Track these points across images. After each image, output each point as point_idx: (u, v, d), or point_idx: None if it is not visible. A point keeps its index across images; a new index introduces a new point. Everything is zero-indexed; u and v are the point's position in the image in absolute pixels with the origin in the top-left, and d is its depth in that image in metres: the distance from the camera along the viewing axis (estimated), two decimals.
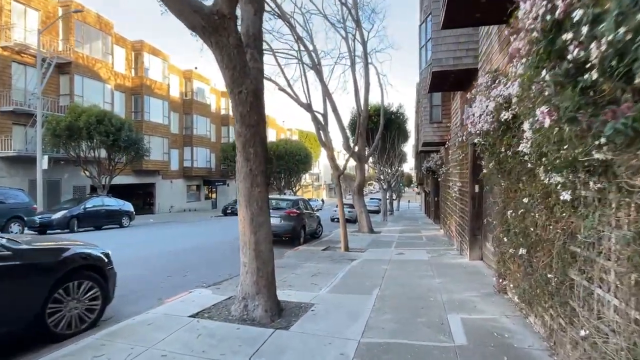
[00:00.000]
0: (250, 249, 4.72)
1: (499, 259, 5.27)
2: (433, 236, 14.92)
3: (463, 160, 9.69)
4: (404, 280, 6.85)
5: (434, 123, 13.76)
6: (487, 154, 5.01)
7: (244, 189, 4.75)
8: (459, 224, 10.43)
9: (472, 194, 8.52)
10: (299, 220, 11.69)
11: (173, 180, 32.14)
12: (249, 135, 4.70)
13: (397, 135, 25.80)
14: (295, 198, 12.59)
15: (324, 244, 12.10)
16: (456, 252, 10.10)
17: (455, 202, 11.39)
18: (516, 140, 3.71)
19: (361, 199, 16.31)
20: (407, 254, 10.21)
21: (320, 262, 8.93)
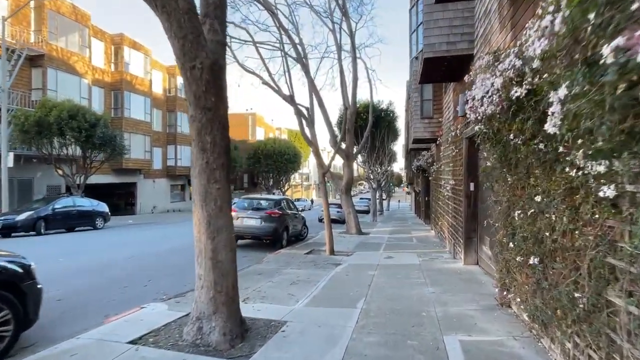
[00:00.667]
0: (207, 258, 3.89)
1: (502, 267, 4.53)
2: (424, 237, 14.23)
3: (456, 156, 8.99)
4: (393, 289, 6.09)
5: (424, 119, 13.06)
6: (489, 144, 4.26)
7: (199, 186, 3.92)
8: (451, 225, 9.73)
9: (467, 193, 7.81)
10: (281, 221, 10.86)
11: (156, 180, 30.99)
12: (205, 120, 3.87)
13: (387, 134, 25.14)
14: (278, 198, 11.77)
15: (308, 247, 11.30)
16: (449, 256, 9.39)
17: (447, 202, 10.70)
18: (531, 123, 2.96)
19: (349, 199, 15.55)
20: (396, 257, 9.47)
21: (302, 268, 8.12)
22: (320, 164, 10.30)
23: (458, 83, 9.21)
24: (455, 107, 9.30)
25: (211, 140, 3.92)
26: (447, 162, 10.56)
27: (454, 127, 9.25)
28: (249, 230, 10.57)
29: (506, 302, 4.61)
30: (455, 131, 8.96)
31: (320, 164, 10.30)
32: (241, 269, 7.90)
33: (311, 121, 12.74)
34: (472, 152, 7.75)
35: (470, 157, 7.77)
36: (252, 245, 11.52)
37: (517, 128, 3.28)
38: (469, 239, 7.83)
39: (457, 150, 8.92)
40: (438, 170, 13.14)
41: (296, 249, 10.93)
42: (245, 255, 9.89)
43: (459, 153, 8.58)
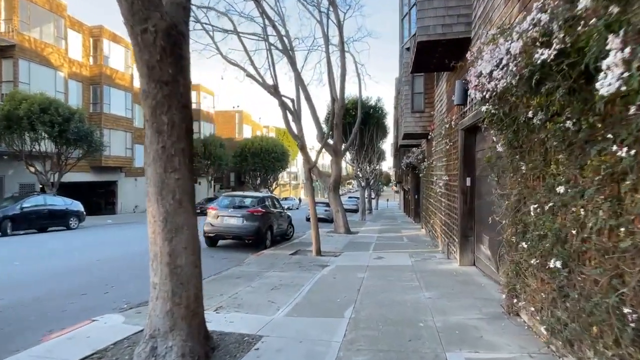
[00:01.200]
0: (162, 263, 3.22)
1: (510, 269, 3.96)
2: (415, 236, 13.71)
3: (450, 150, 8.45)
4: (384, 294, 5.49)
5: (415, 112, 12.53)
6: (497, 127, 3.68)
7: (154, 176, 3.24)
8: (445, 224, 9.20)
9: (463, 188, 7.27)
10: (264, 220, 10.18)
11: (138, 178, 29.87)
12: (160, 96, 3.20)
13: (376, 131, 24.62)
14: (262, 195, 11.08)
15: (294, 247, 10.64)
16: (443, 256, 8.85)
17: (440, 199, 10.17)
18: (561, 94, 2.36)
19: (337, 197, 14.95)
20: (387, 258, 8.89)
21: (286, 270, 7.47)
22: (307, 159, 9.67)
23: (452, 72, 8.67)
24: (450, 97, 8.77)
25: (168, 121, 3.24)
26: (440, 157, 10.03)
27: (447, 119, 8.72)
28: (229, 230, 9.86)
29: (514, 310, 4.05)
30: (449, 123, 8.42)
31: (307, 159, 9.66)
32: (218, 273, 7.23)
33: (297, 115, 12.09)
34: (468, 144, 7.21)
35: (466, 150, 7.23)
36: (234, 246, 10.82)
37: (538, 103, 2.69)
38: (464, 238, 7.29)
39: (451, 143, 8.38)
40: (429, 166, 12.63)
41: (281, 249, 10.27)
42: (226, 257, 9.19)
43: (454, 146, 8.04)
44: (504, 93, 3.09)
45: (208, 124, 39.16)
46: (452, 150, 8.23)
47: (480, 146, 6.86)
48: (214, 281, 6.53)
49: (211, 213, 10.11)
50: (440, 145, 9.97)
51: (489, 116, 3.72)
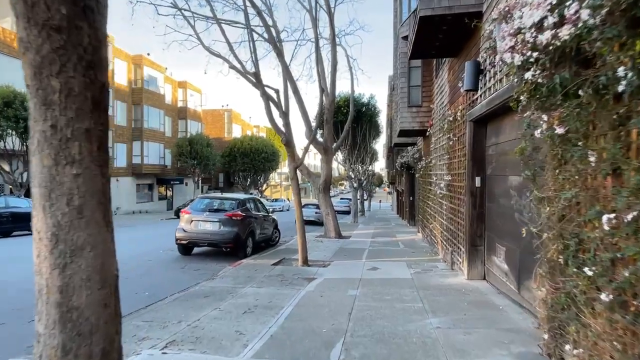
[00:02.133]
0: (50, 303, 2.10)
1: (556, 300, 2.92)
2: (411, 241, 12.70)
3: (455, 146, 7.44)
4: (382, 320, 4.43)
5: (412, 107, 11.53)
6: (544, 104, 2.64)
7: (39, 170, 2.12)
8: (447, 230, 8.18)
9: (472, 190, 6.24)
10: (244, 225, 9.06)
11: (119, 179, 28.48)
12: (48, 49, 2.08)
13: (369, 129, 23.62)
14: (243, 197, 9.95)
15: (278, 255, 9.54)
16: (445, 266, 7.83)
17: (440, 201, 9.16)
18: None
19: (327, 198, 13.88)
20: (382, 268, 7.84)
21: (265, 285, 6.38)
22: (292, 157, 8.59)
23: (455, 58, 7.68)
24: (453, 87, 7.77)
25: (62, 87, 2.11)
26: (441, 155, 9.02)
27: (451, 112, 7.71)
28: (204, 236, 8.72)
29: (559, 355, 3.00)
30: (454, 115, 7.40)
31: (292, 156, 8.58)
32: (185, 290, 6.10)
33: (283, 108, 11.02)
34: (478, 139, 6.19)
35: (475, 145, 6.21)
36: (211, 254, 9.68)
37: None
38: (473, 247, 6.26)
39: (455, 138, 7.37)
40: (427, 165, 11.63)
41: (263, 257, 9.15)
42: (199, 268, 8.05)
43: (459, 141, 7.02)
44: (567, 47, 2.04)
45: (195, 123, 37.83)
46: (457, 147, 7.22)
47: (492, 140, 5.85)
48: (176, 302, 5.41)
49: (184, 217, 8.97)
50: (441, 141, 8.97)
51: (530, 89, 2.67)
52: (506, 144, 5.18)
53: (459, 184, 7.13)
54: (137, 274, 7.32)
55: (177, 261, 8.80)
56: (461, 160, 6.88)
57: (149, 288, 6.34)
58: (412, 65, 11.59)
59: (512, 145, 4.92)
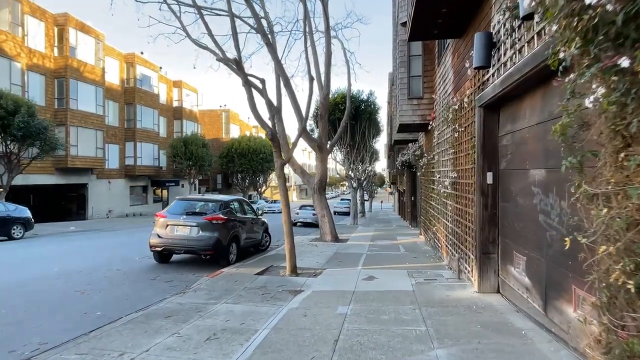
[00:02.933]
0: None
1: (618, 345, 1.99)
2: (412, 245, 11.77)
3: (461, 138, 6.52)
4: (374, 352, 3.52)
5: (413, 99, 10.61)
6: (603, 44, 1.72)
7: None
8: (453, 233, 7.26)
9: (483, 188, 5.32)
10: (227, 229, 8.14)
11: (112, 181, 27.66)
12: None
13: (368, 127, 22.69)
14: (226, 198, 9.01)
15: (265, 262, 8.63)
16: (451, 274, 6.91)
17: (445, 202, 8.24)
18: None
19: (323, 199, 12.96)
20: (380, 277, 6.92)
21: (242, 301, 5.48)
22: (279, 153, 7.68)
23: (460, 39, 6.77)
24: (458, 72, 6.85)
25: None
26: (445, 149, 8.11)
27: (457, 99, 6.79)
28: (181, 243, 7.81)
29: None
30: (459, 103, 6.49)
31: (279, 152, 7.67)
32: (145, 307, 5.21)
33: (272, 104, 10.13)
34: (489, 127, 5.28)
35: (487, 135, 5.29)
36: (189, 263, 8.77)
37: None
38: (485, 255, 5.33)
39: (462, 129, 6.45)
40: (429, 163, 10.71)
41: (248, 265, 8.24)
42: (171, 279, 7.14)
43: (467, 132, 6.11)
44: None
45: (191, 123, 37.00)
46: (464, 138, 6.30)
47: (507, 127, 4.93)
48: (130, 325, 4.50)
49: (159, 221, 8.07)
50: (445, 134, 8.05)
51: (587, 30, 1.75)
52: (526, 131, 4.26)
53: (466, 181, 6.21)
54: (96, 288, 6.42)
55: (151, 271, 7.90)
56: (469, 154, 5.96)
57: (105, 306, 5.44)
58: (412, 54, 10.67)
59: (534, 132, 4.01)
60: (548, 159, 3.72)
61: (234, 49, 8.79)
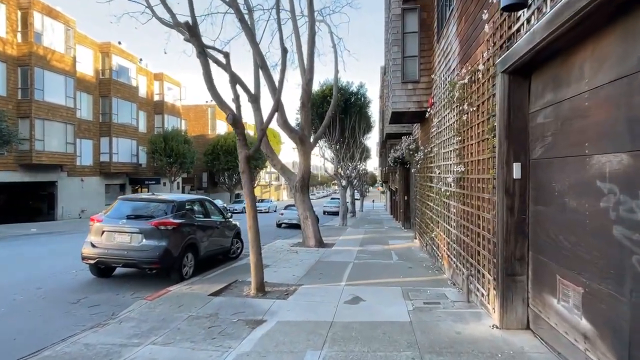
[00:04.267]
0: None
1: None
2: (406, 251, 10.33)
3: (471, 121, 5.08)
4: None
5: (407, 83, 9.16)
6: None
7: None
8: (458, 242, 5.82)
9: (507, 184, 3.87)
10: (179, 236, 6.58)
11: (85, 178, 25.80)
12: None
13: (358, 121, 21.25)
14: (182, 198, 7.40)
15: (232, 274, 7.11)
16: (457, 295, 5.47)
17: (446, 202, 6.81)
18: None
19: (306, 199, 11.45)
20: (367, 299, 5.45)
21: (176, 340, 3.96)
22: (243, 141, 6.14)
23: None
24: (465, 41, 5.39)
25: None
26: (447, 138, 6.66)
27: (466, 71, 5.34)
28: (118, 254, 6.22)
29: None
30: (470, 74, 5.04)
31: (242, 140, 6.13)
32: (33, 354, 3.65)
33: (255, 97, 8.68)
34: (517, 100, 3.82)
35: (513, 111, 3.84)
36: (135, 277, 7.20)
37: None
38: (510, 278, 3.87)
39: (473, 109, 5.00)
40: (426, 157, 9.28)
41: (206, 280, 6.69)
42: (98, 303, 5.57)
43: (481, 112, 4.66)
44: None
45: (174, 118, 35.16)
46: (476, 121, 4.85)
47: (545, 98, 3.48)
48: None
49: (94, 226, 6.48)
50: (448, 120, 6.61)
51: None
52: (585, 98, 2.81)
53: (479, 175, 4.76)
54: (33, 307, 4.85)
55: (79, 289, 6.30)
56: (484, 141, 4.51)
57: None
58: (407, 31, 9.21)
59: (605, 96, 2.54)
60: (637, 135, 2.27)
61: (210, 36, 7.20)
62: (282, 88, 6.67)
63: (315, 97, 20.35)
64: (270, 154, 11.58)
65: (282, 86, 6.69)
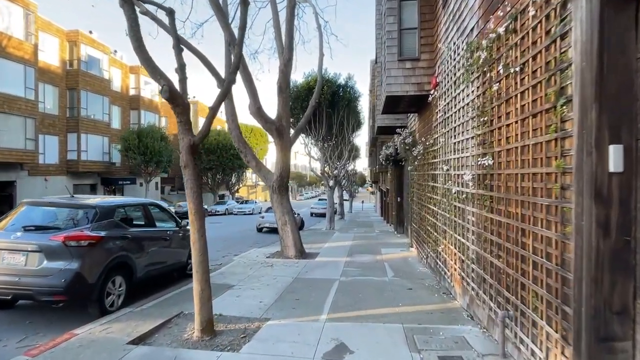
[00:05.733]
0: None
1: None
2: (402, 263, 8.71)
3: (507, 90, 3.45)
4: None
5: (405, 61, 7.53)
6: None
7: None
8: (485, 266, 4.19)
9: (597, 184, 2.22)
10: (99, 256, 4.80)
11: (49, 178, 23.58)
12: None
13: (347, 116, 19.62)
14: (107, 203, 5.41)
15: (177, 302, 5.37)
16: (485, 343, 3.84)
17: (459, 207, 5.19)
18: None
19: (284, 201, 9.74)
20: (356, 349, 3.78)
21: None
22: (184, 125, 4.42)
23: None
24: None
25: None
26: (462, 122, 5.05)
27: (500, 18, 3.71)
28: (7, 281, 4.41)
29: None
30: (515, 16, 3.41)
31: (184, 123, 4.41)
32: None
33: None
34: (617, 36, 2.16)
35: (608, 55, 2.18)
36: (40, 309, 5.39)
37: None
38: (604, 344, 2.26)
39: (516, 69, 3.38)
40: (427, 151, 7.66)
41: (137, 315, 4.92)
42: None
43: (532, 70, 3.03)
44: None
45: (152, 114, 33.02)
46: (520, 87, 3.23)
47: None
48: None
49: None
50: (463, 98, 4.99)
51: None
52: None
53: (526, 170, 3.13)
54: None
55: None
56: (538, 115, 2.88)
57: None
58: None
59: None
60: None
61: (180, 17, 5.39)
62: (242, 46, 4.91)
63: (300, 90, 18.66)
64: (243, 148, 9.85)
65: (242, 44, 4.95)
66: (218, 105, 4.64)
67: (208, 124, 4.60)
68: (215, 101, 4.65)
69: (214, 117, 4.64)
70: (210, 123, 4.61)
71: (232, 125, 9.84)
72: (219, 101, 4.64)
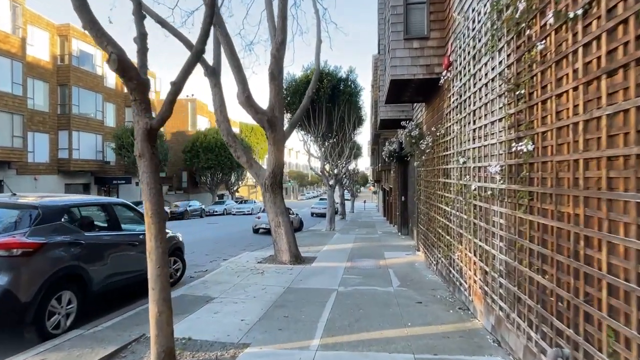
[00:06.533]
0: None
1: None
2: (408, 269, 7.78)
3: (559, 47, 2.49)
4: None
5: (412, 40, 6.60)
6: None
7: None
8: (520, 281, 3.25)
9: None
10: (38, 267, 3.90)
11: (38, 177, 22.74)
12: None
13: (348, 112, 18.68)
14: (54, 202, 4.39)
15: (141, 322, 4.45)
16: None
17: (482, 207, 4.27)
18: None
19: (278, 200, 8.82)
20: None
21: None
22: (141, 103, 3.52)
23: None
24: None
25: None
26: (485, 103, 4.12)
27: None
28: None
29: None
30: None
31: (141, 100, 3.51)
32: None
33: (213, 70, 6.06)
34: None
35: None
36: None
37: None
38: None
39: (578, 11, 2.42)
40: (437, 143, 6.73)
41: (87, 339, 4.01)
42: None
43: None
44: None
45: None
46: (583, 39, 2.28)
47: None
48: None
49: None
50: (486, 74, 4.06)
51: None
52: None
53: (582, 155, 2.20)
54: None
55: None
56: (614, 74, 1.95)
57: None
58: None
59: None
60: None
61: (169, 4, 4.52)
62: (215, 3, 3.98)
63: (298, 83, 17.73)
64: (232, 142, 8.96)
65: None
66: (182, 80, 3.72)
67: (169, 102, 3.67)
68: (179, 75, 3.73)
69: (177, 94, 3.71)
70: (171, 102, 3.68)
71: (221, 117, 8.94)
72: (184, 74, 3.72)
